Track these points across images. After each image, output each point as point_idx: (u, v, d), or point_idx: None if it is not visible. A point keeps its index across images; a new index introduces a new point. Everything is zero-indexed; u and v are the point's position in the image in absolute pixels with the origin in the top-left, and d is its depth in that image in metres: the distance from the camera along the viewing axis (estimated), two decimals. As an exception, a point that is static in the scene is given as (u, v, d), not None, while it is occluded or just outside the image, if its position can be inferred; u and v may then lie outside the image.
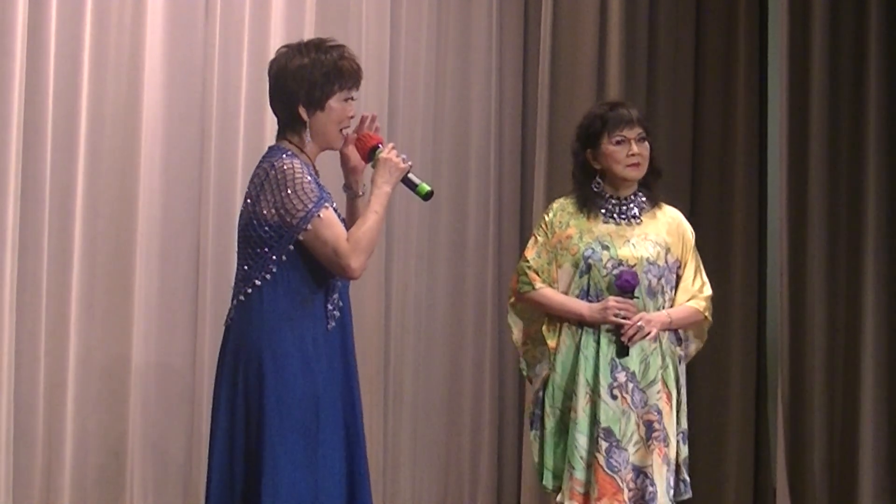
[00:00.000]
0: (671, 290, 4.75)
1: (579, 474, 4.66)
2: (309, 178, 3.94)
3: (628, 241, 4.70)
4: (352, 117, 4.08)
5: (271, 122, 6.27)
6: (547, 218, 4.80)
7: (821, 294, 6.71)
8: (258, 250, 3.93)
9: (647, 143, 4.73)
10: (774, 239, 6.93)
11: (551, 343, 4.75)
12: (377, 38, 6.58)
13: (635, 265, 4.68)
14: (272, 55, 6.18)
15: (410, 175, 4.08)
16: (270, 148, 4.07)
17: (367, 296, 6.42)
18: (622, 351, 4.65)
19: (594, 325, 4.67)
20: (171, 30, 6.23)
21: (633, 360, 4.67)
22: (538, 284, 4.76)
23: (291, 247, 3.92)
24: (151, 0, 6.19)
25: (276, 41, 6.35)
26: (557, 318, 4.73)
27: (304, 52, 4.04)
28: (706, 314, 4.78)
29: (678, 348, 4.77)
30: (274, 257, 3.92)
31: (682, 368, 4.80)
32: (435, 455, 6.71)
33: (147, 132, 6.15)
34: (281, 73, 4.04)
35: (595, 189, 4.75)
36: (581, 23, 6.72)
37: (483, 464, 6.82)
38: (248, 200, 3.98)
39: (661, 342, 4.70)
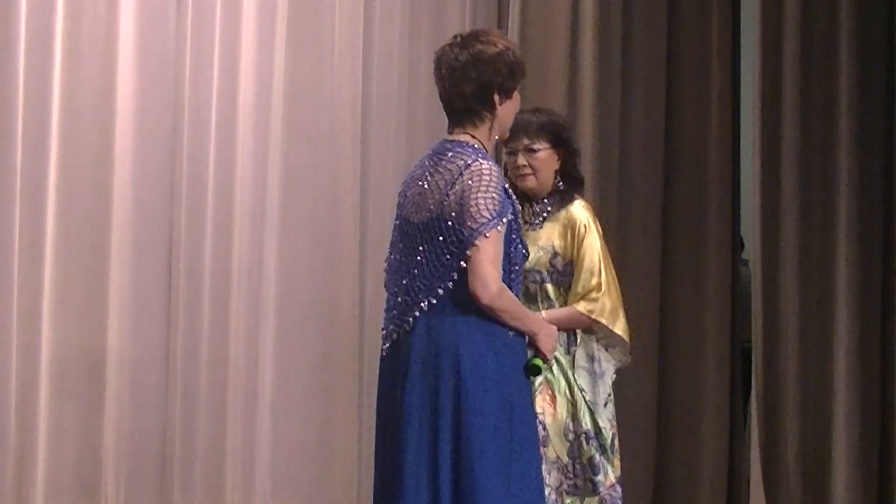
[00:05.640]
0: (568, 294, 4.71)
1: None
2: (499, 187, 3.85)
3: None
4: None
5: (243, 115, 6.35)
6: None
7: (793, 287, 6.73)
8: (443, 258, 3.85)
9: (537, 153, 4.70)
10: (748, 232, 6.94)
11: None
12: (350, 30, 6.56)
13: None
14: (244, 47, 6.35)
15: (538, 360, 3.97)
16: (456, 143, 3.94)
17: (342, 287, 6.42)
18: None
19: None
20: (143, 22, 6.22)
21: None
22: None
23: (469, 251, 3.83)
24: (124, -9, 6.21)
25: (247, 33, 6.36)
26: None
27: (487, 41, 3.96)
28: (592, 316, 4.65)
29: (575, 349, 4.68)
30: (455, 265, 3.83)
31: (594, 368, 4.70)
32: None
33: (120, 125, 6.14)
34: (475, 60, 3.92)
35: (519, 196, 4.72)
36: (553, 15, 6.71)
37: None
38: (434, 198, 3.87)
39: None
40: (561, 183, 4.76)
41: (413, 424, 3.83)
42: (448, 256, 3.84)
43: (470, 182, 3.83)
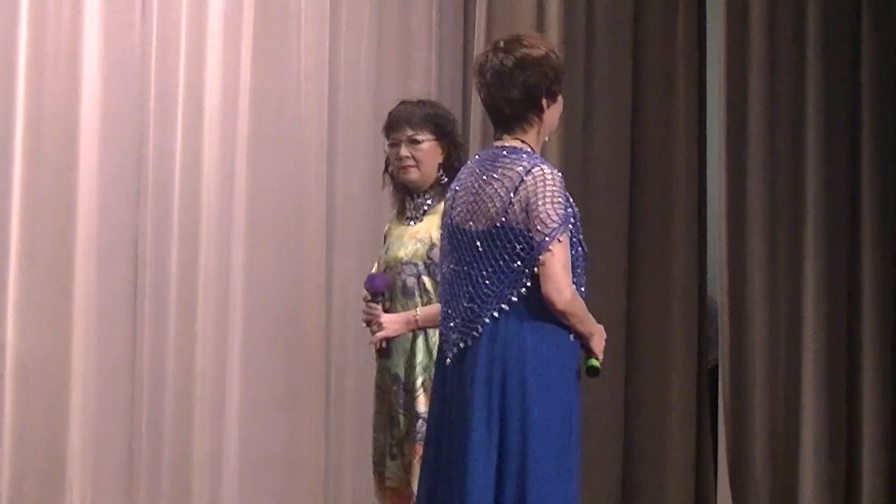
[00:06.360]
0: None
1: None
2: (563, 191, 3.85)
3: (403, 241, 4.66)
4: None
5: (209, 124, 6.34)
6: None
7: (761, 290, 6.75)
8: (512, 265, 3.84)
9: (421, 144, 4.65)
10: (714, 234, 6.95)
11: None
12: (317, 36, 6.55)
13: (393, 266, 4.63)
14: (210, 56, 6.33)
15: (595, 361, 3.98)
16: (508, 148, 3.93)
17: (308, 295, 6.41)
18: (381, 353, 4.62)
19: None
20: (107, 30, 6.21)
21: (398, 364, 4.63)
22: None
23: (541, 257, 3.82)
24: (88, 1, 6.17)
25: (213, 40, 6.35)
26: None
27: (530, 45, 3.95)
28: None
29: None
30: (527, 270, 3.82)
31: None
32: (377, 455, 6.69)
33: (85, 134, 6.13)
34: (521, 65, 3.90)
35: (400, 190, 4.73)
36: (518, 21, 6.71)
37: (425, 463, 6.81)
38: (496, 206, 3.87)
39: (425, 342, 4.58)
40: (444, 176, 4.66)
41: (480, 431, 3.82)
42: (519, 263, 3.83)
43: (534, 188, 3.82)
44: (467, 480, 3.81)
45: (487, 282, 3.86)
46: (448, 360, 3.94)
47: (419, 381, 4.58)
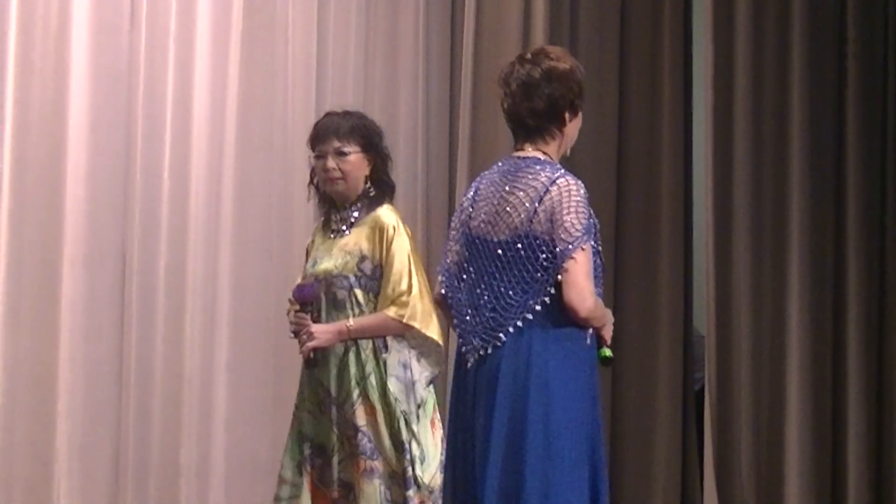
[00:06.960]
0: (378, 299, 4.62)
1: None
2: (587, 202, 3.89)
3: (331, 254, 4.66)
4: None
5: (197, 129, 6.36)
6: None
7: (746, 296, 6.76)
8: (536, 274, 3.86)
9: (348, 156, 4.67)
10: (700, 240, 6.96)
11: None
12: (304, 44, 6.58)
13: (322, 279, 4.62)
14: (198, 62, 6.35)
15: (607, 350, 4.01)
16: (531, 159, 3.95)
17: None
18: (309, 363, 4.60)
19: None
20: (96, 37, 6.22)
21: (328, 376, 4.61)
22: None
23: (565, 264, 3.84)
24: (76, 7, 6.19)
25: (201, 48, 6.37)
26: None
27: (556, 58, 3.98)
28: (404, 320, 4.53)
29: (385, 356, 4.59)
30: (550, 280, 3.85)
31: (407, 376, 4.58)
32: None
33: (73, 140, 6.14)
34: (548, 76, 3.93)
35: (326, 202, 4.74)
36: (504, 26, 6.75)
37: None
38: (519, 215, 3.89)
39: (357, 355, 4.59)
40: (371, 189, 4.70)
41: (501, 439, 3.85)
42: (542, 273, 3.86)
43: (559, 198, 3.86)
44: (487, 481, 3.84)
45: (511, 292, 3.89)
46: (469, 364, 3.96)
47: (355, 394, 4.57)
